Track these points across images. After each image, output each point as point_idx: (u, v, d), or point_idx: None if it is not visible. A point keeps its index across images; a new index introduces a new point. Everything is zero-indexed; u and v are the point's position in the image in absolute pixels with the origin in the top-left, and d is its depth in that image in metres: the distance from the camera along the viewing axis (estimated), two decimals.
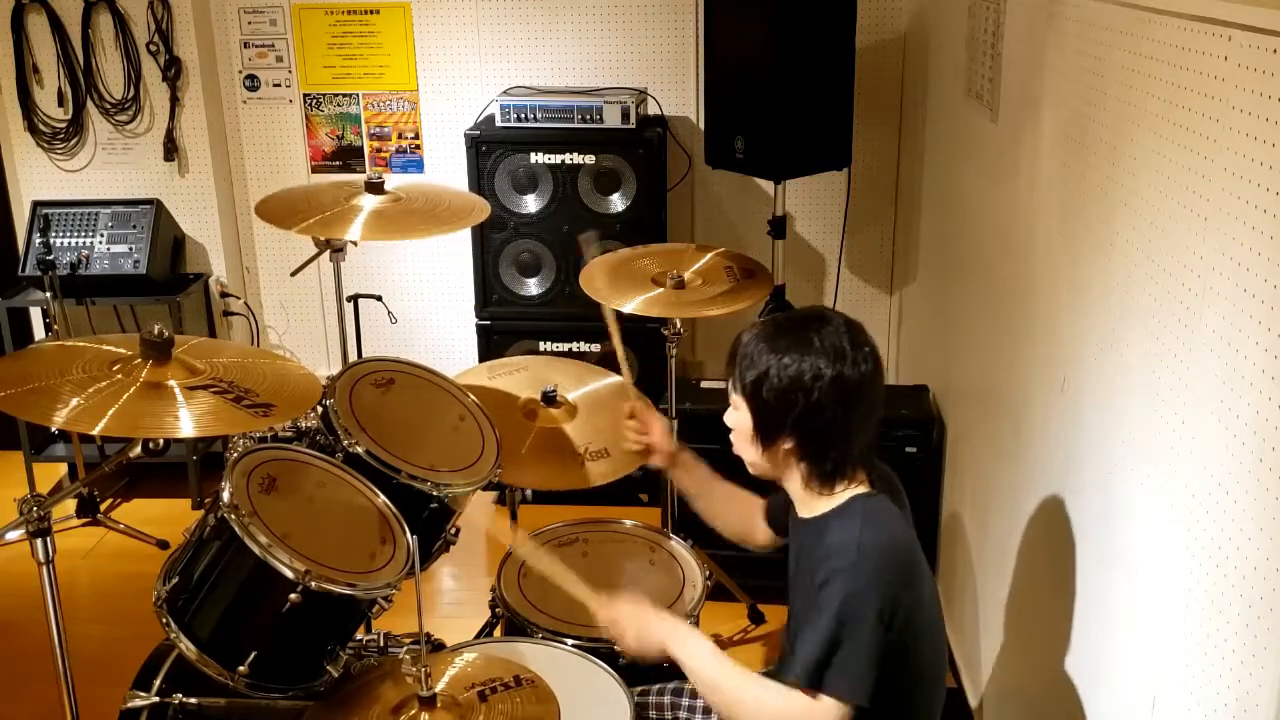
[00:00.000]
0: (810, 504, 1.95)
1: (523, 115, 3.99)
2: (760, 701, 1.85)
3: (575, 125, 3.98)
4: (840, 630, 1.77)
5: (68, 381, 1.95)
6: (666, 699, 2.26)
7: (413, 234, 3.18)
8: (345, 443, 2.33)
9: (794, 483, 1.95)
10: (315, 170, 4.56)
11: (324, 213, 2.90)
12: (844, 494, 1.92)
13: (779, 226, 3.89)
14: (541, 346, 4.17)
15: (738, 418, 1.95)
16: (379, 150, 4.52)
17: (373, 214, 2.91)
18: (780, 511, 2.17)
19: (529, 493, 3.92)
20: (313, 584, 2.00)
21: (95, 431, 1.87)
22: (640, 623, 2.02)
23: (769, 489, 2.14)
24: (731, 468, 2.15)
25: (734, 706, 1.88)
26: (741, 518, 2.32)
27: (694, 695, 2.23)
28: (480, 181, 4.01)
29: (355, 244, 3.07)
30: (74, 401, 1.90)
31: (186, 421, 1.95)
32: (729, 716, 1.91)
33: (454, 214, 3.03)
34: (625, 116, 3.95)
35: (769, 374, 1.87)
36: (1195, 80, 1.64)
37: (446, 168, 4.42)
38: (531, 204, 4.06)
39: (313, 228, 2.87)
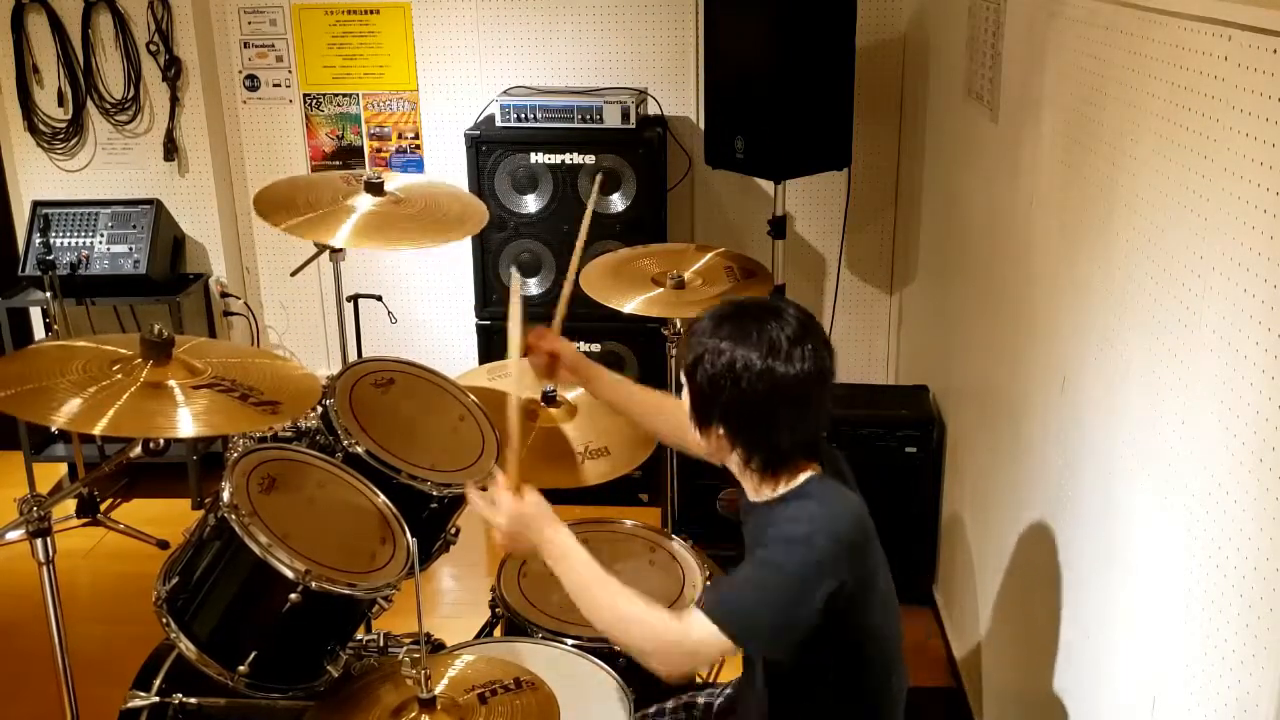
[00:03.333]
0: (757, 489, 1.94)
1: (523, 115, 3.99)
2: (641, 615, 1.84)
3: (575, 125, 3.98)
4: (759, 578, 1.80)
5: (69, 382, 1.95)
6: (681, 715, 2.26)
7: (403, 243, 3.03)
8: (345, 443, 2.33)
9: (735, 468, 1.94)
10: (315, 170, 4.56)
11: (317, 211, 2.84)
12: (793, 481, 1.89)
13: (779, 226, 3.89)
14: None
15: (684, 397, 1.94)
16: (379, 150, 4.52)
17: (364, 218, 2.83)
18: None
19: None
20: (313, 584, 2.00)
21: (96, 431, 1.87)
22: (521, 523, 1.95)
23: None
24: None
25: (614, 624, 1.87)
26: (669, 426, 2.29)
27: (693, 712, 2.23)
28: (480, 181, 4.01)
29: (340, 250, 2.97)
30: (75, 402, 1.89)
31: (192, 420, 1.94)
32: (604, 628, 1.89)
33: (449, 223, 2.97)
34: (625, 116, 3.95)
35: (704, 358, 1.86)
36: (1195, 80, 1.64)
37: (446, 168, 4.41)
38: (531, 204, 4.06)
39: (300, 228, 2.78)
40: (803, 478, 1.89)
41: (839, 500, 1.88)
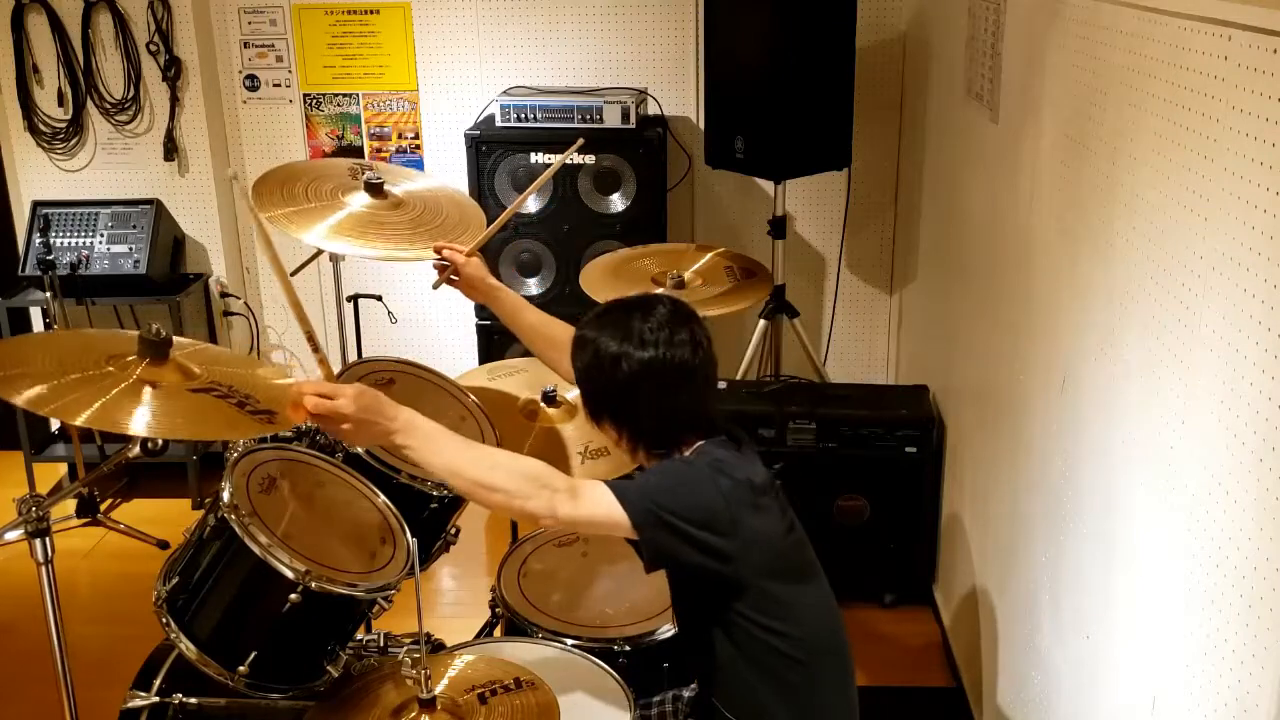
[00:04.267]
0: None
1: (523, 115, 4.00)
2: (515, 460, 1.91)
3: (575, 125, 3.98)
4: (656, 469, 1.91)
5: (68, 374, 1.93)
6: (669, 706, 2.26)
7: (397, 247, 3.00)
8: (345, 443, 2.33)
9: (636, 459, 2.02)
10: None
11: (306, 205, 2.77)
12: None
13: (779, 226, 3.89)
14: None
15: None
16: (379, 150, 4.52)
17: (355, 219, 2.74)
18: None
19: None
20: (313, 584, 2.00)
21: (77, 422, 1.83)
22: (370, 410, 1.85)
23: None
24: None
25: (492, 471, 1.86)
26: (548, 352, 2.42)
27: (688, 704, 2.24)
28: (480, 181, 4.02)
29: (334, 255, 2.93)
30: (41, 387, 1.85)
31: (187, 423, 1.93)
32: (479, 479, 1.85)
33: (446, 230, 2.94)
34: (625, 116, 3.95)
35: (577, 353, 1.99)
36: (1195, 80, 1.64)
37: (446, 168, 4.41)
38: (531, 204, 4.06)
39: (286, 219, 2.68)
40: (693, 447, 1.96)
41: (730, 453, 1.94)
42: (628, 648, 2.41)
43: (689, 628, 2.08)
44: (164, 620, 2.06)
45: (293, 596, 1.98)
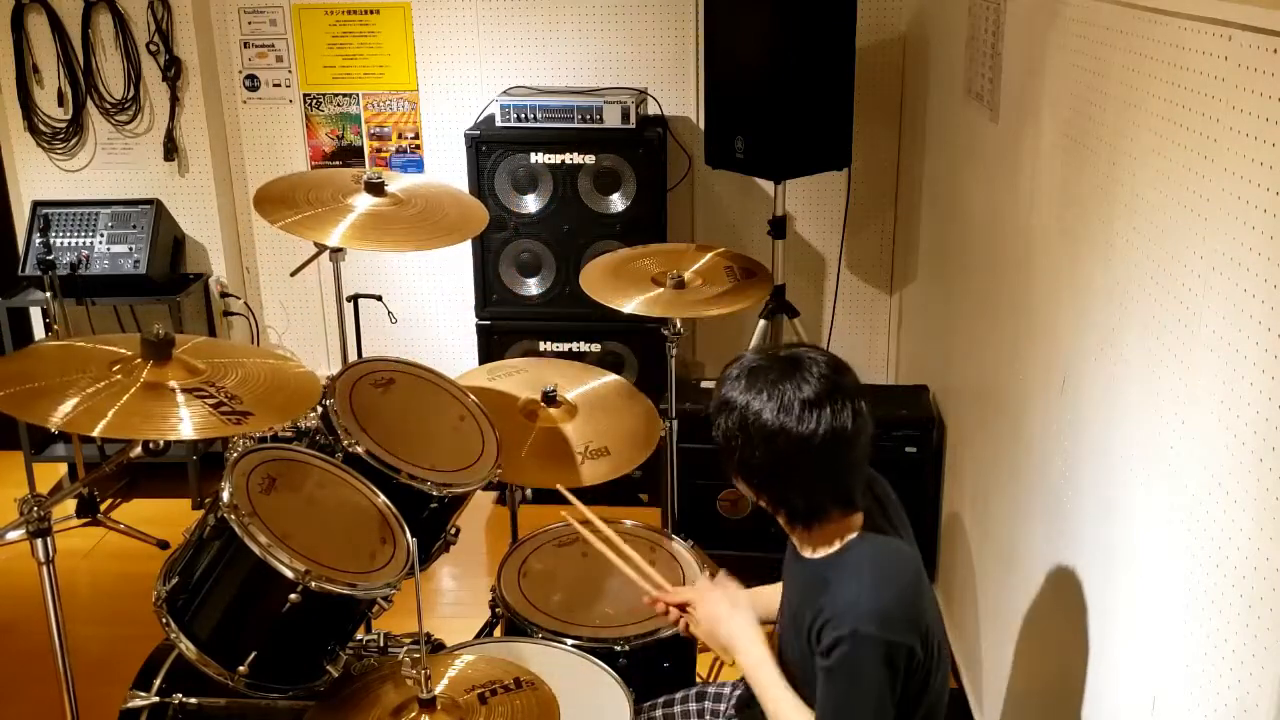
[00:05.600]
0: (803, 544, 1.90)
1: (523, 115, 4.00)
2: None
3: (575, 125, 3.98)
4: (852, 693, 1.75)
5: (68, 382, 1.95)
6: (676, 709, 2.26)
7: (403, 245, 3.03)
8: (345, 443, 2.33)
9: (773, 515, 1.90)
10: (315, 170, 4.56)
11: (315, 210, 2.82)
12: (837, 539, 1.85)
13: (779, 226, 3.89)
14: (541, 346, 4.17)
15: None
16: (379, 150, 4.52)
17: (363, 218, 2.81)
18: None
19: (529, 492, 3.92)
20: (312, 584, 2.00)
21: (95, 433, 1.86)
22: (717, 618, 2.01)
23: None
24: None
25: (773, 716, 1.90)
26: None
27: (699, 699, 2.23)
28: (480, 181, 4.02)
29: (340, 250, 2.96)
30: (72, 402, 1.88)
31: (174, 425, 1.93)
32: None
33: (450, 225, 2.97)
34: (625, 116, 3.95)
35: (720, 410, 1.82)
36: (1195, 80, 1.64)
37: (446, 168, 4.42)
38: (531, 204, 4.06)
39: (296, 226, 2.76)
40: (840, 542, 1.84)
41: (885, 565, 1.82)
42: (628, 648, 2.41)
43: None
44: (164, 620, 2.07)
45: (292, 596, 1.99)
